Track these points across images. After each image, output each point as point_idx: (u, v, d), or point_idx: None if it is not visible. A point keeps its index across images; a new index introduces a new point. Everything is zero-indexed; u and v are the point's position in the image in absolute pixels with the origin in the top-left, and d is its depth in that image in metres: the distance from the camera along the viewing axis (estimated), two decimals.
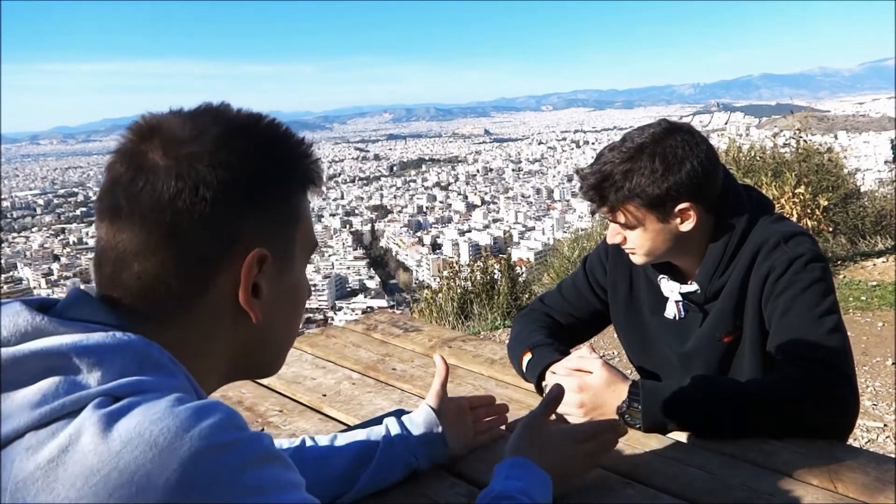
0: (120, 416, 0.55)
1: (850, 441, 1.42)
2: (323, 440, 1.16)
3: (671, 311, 1.55)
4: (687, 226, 1.43)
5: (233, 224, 0.67)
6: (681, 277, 1.55)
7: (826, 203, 6.55)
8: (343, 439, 1.16)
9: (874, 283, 5.83)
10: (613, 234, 1.49)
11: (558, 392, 1.14)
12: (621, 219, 1.44)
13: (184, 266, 0.66)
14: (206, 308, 0.68)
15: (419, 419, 1.20)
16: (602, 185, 1.41)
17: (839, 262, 6.59)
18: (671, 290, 1.53)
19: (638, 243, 1.46)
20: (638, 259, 1.51)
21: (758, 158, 7.57)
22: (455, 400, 1.25)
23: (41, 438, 0.54)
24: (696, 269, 1.51)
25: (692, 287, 1.51)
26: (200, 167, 0.66)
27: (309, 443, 1.15)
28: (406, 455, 1.16)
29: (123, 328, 0.64)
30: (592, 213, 1.52)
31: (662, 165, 1.38)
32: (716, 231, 1.47)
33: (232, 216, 0.67)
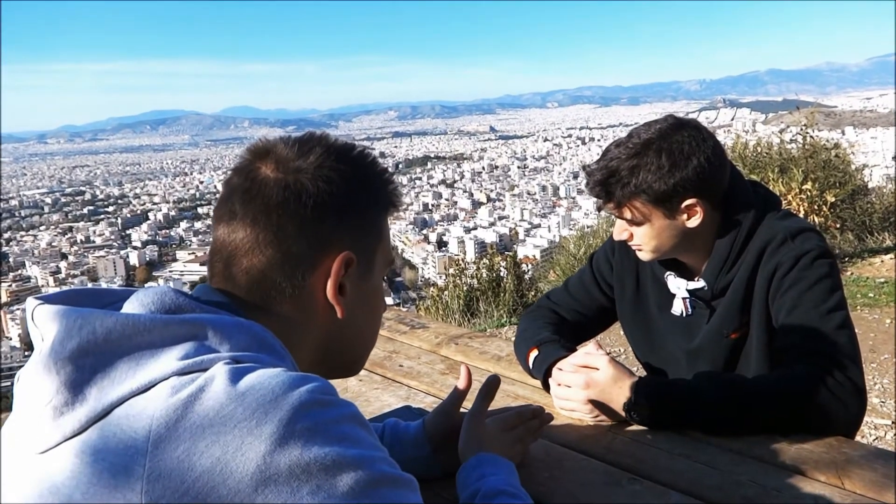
0: (245, 373, 0.66)
1: (858, 438, 1.42)
2: None
3: (678, 307, 1.55)
4: (693, 222, 1.43)
5: (327, 230, 0.80)
6: (687, 274, 1.55)
7: (833, 199, 6.52)
8: None
9: (882, 280, 5.80)
10: (620, 231, 1.49)
11: (494, 382, 1.17)
12: (628, 215, 1.44)
13: (285, 262, 0.78)
14: (302, 301, 0.80)
15: (410, 434, 1.19)
16: (608, 182, 1.41)
17: (847, 259, 6.56)
18: (678, 286, 1.53)
19: (644, 240, 1.46)
20: (645, 255, 1.51)
21: (764, 154, 7.54)
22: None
23: (183, 382, 0.65)
24: (703, 266, 1.50)
25: (699, 284, 1.50)
26: (304, 180, 0.78)
27: None
28: None
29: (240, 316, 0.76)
30: (599, 209, 1.52)
31: (669, 161, 1.37)
32: (723, 227, 1.46)
33: (327, 223, 0.79)
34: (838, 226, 6.84)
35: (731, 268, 1.46)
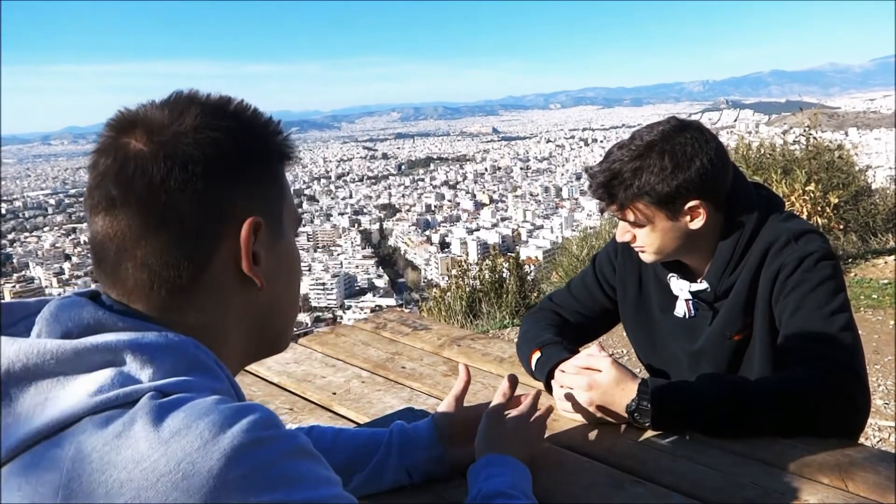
0: (170, 410, 0.59)
1: (861, 440, 1.42)
2: (328, 433, 1.17)
3: (681, 309, 1.55)
4: (696, 223, 1.43)
5: (225, 197, 0.70)
6: (690, 276, 1.55)
7: (837, 201, 6.51)
8: (346, 437, 1.16)
9: (885, 282, 5.79)
10: (623, 233, 1.49)
11: (513, 380, 1.19)
12: (630, 217, 1.44)
13: (185, 243, 0.68)
14: (213, 283, 0.71)
15: (421, 436, 1.18)
16: (611, 184, 1.41)
17: (850, 260, 6.55)
18: (681, 288, 1.53)
19: (647, 241, 1.46)
20: (647, 257, 1.51)
21: (767, 156, 7.53)
22: (475, 409, 1.21)
23: (97, 423, 0.58)
24: (706, 268, 1.50)
25: (702, 285, 1.50)
26: (186, 146, 0.68)
27: (317, 432, 1.16)
28: (398, 471, 1.14)
29: (152, 325, 0.67)
30: (601, 211, 1.52)
31: (672, 163, 1.38)
32: (726, 229, 1.46)
33: (223, 189, 0.70)
34: (842, 227, 6.83)
35: (734, 270, 1.46)
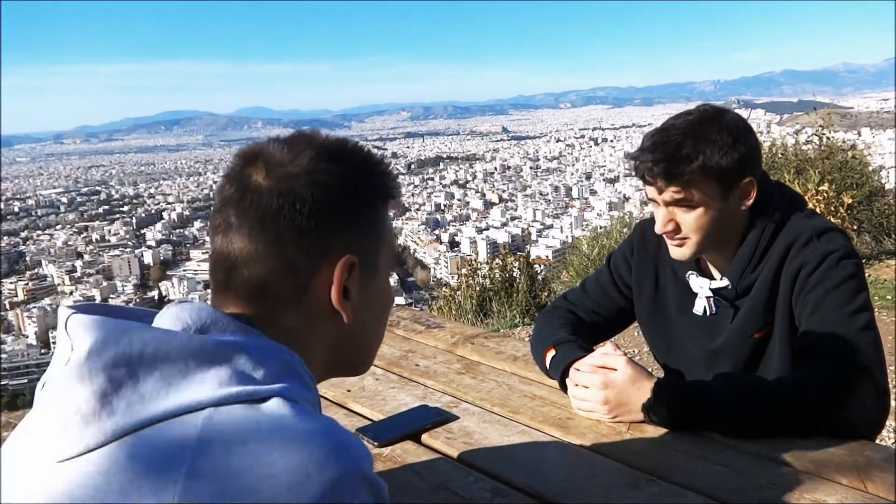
0: (298, 416, 0.66)
1: (879, 441, 1.41)
2: None
3: (700, 306, 1.53)
4: (746, 203, 1.41)
5: (326, 236, 0.77)
6: (708, 275, 1.54)
7: (850, 201, 6.45)
8: None
9: None
10: (665, 222, 1.41)
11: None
12: (689, 196, 1.36)
13: (286, 271, 0.76)
14: (306, 309, 0.78)
15: None
16: (675, 157, 1.33)
17: (864, 261, 6.48)
18: (701, 286, 1.52)
19: (695, 227, 1.39)
20: (686, 251, 1.44)
21: (780, 156, 7.48)
22: None
23: (223, 414, 0.65)
24: (726, 265, 1.49)
25: (723, 283, 1.49)
26: (298, 187, 0.76)
27: None
28: None
29: (256, 331, 0.75)
30: (659, 190, 1.38)
31: (731, 137, 1.35)
32: (749, 226, 1.45)
33: (325, 229, 0.77)
34: (855, 227, 6.76)
35: (756, 267, 1.45)
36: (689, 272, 1.54)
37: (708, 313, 1.53)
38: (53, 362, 0.70)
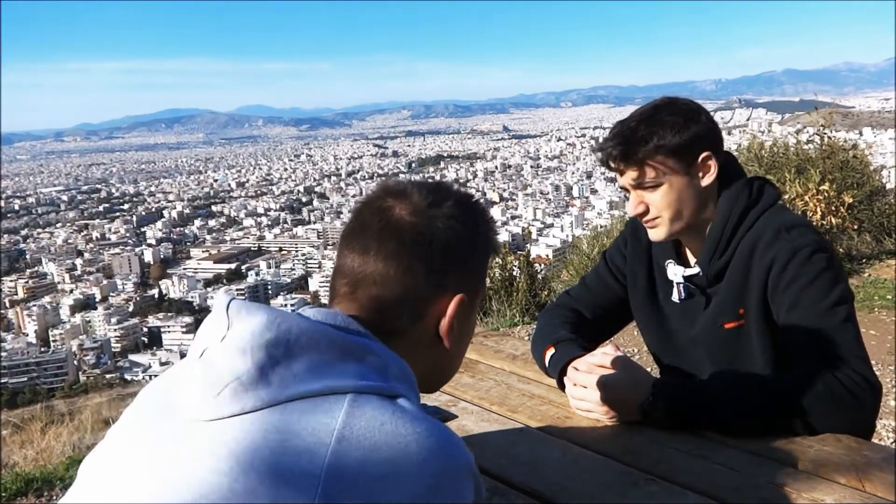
0: (417, 415, 0.76)
1: (877, 440, 1.41)
2: None
3: (676, 293, 1.55)
4: (708, 179, 1.45)
5: (449, 274, 0.89)
6: (688, 264, 1.56)
7: (851, 200, 6.45)
8: None
9: None
10: (636, 204, 1.47)
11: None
12: (650, 174, 1.42)
13: (409, 298, 0.87)
14: (417, 333, 0.89)
15: None
16: (630, 140, 1.42)
17: (864, 261, 6.50)
18: (675, 273, 1.54)
19: (662, 206, 1.45)
20: (660, 231, 1.48)
21: (781, 155, 7.48)
22: None
23: (363, 400, 0.74)
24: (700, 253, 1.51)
25: (695, 270, 1.51)
26: (436, 228, 0.87)
27: None
28: None
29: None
30: (619, 172, 1.49)
31: (683, 117, 1.42)
32: (719, 213, 1.47)
33: (450, 268, 0.88)
34: (856, 227, 6.77)
35: (724, 253, 1.46)
36: (668, 260, 1.55)
37: (678, 300, 1.54)
38: (203, 338, 0.79)
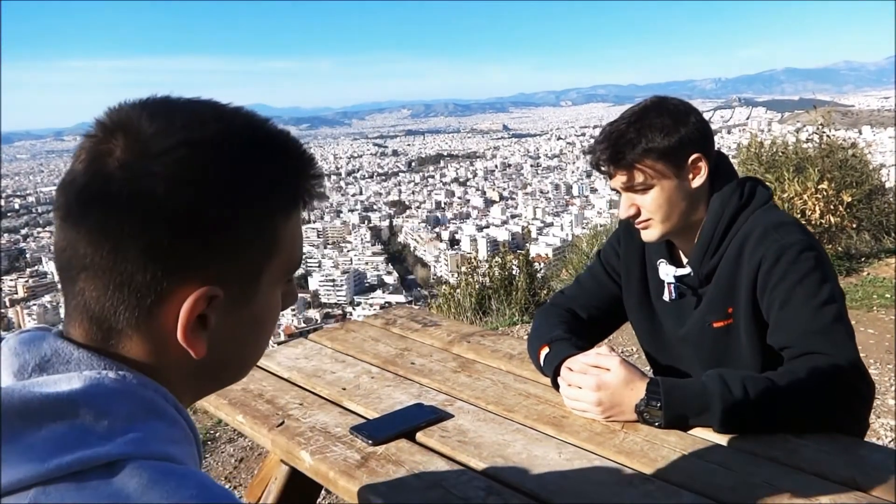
0: (155, 484, 0.52)
1: (874, 439, 1.41)
2: None
3: (667, 293, 1.56)
4: (698, 180, 1.45)
5: (186, 254, 0.57)
6: (679, 264, 1.56)
7: (850, 199, 6.44)
8: None
9: None
10: (627, 207, 1.48)
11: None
12: (639, 177, 1.43)
13: (126, 291, 0.57)
14: (151, 339, 0.60)
15: None
16: (618, 143, 1.42)
17: (863, 260, 6.49)
18: (666, 273, 1.54)
19: (653, 208, 1.45)
20: (652, 232, 1.49)
21: (780, 154, 7.47)
22: None
23: (50, 494, 0.50)
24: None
25: (686, 270, 1.51)
26: (156, 184, 0.55)
27: None
28: None
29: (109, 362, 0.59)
30: (609, 175, 1.49)
31: (671, 119, 1.42)
32: (710, 214, 1.48)
33: (186, 245, 0.57)
34: (855, 226, 6.76)
35: (714, 253, 1.47)
36: (660, 260, 1.55)
37: (668, 299, 1.55)
38: None
